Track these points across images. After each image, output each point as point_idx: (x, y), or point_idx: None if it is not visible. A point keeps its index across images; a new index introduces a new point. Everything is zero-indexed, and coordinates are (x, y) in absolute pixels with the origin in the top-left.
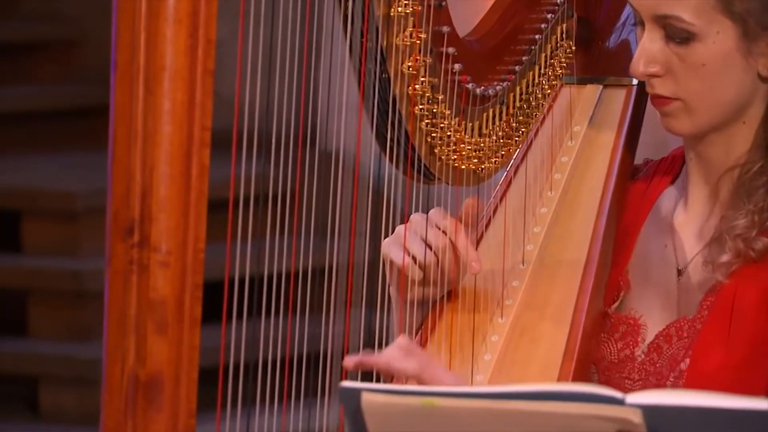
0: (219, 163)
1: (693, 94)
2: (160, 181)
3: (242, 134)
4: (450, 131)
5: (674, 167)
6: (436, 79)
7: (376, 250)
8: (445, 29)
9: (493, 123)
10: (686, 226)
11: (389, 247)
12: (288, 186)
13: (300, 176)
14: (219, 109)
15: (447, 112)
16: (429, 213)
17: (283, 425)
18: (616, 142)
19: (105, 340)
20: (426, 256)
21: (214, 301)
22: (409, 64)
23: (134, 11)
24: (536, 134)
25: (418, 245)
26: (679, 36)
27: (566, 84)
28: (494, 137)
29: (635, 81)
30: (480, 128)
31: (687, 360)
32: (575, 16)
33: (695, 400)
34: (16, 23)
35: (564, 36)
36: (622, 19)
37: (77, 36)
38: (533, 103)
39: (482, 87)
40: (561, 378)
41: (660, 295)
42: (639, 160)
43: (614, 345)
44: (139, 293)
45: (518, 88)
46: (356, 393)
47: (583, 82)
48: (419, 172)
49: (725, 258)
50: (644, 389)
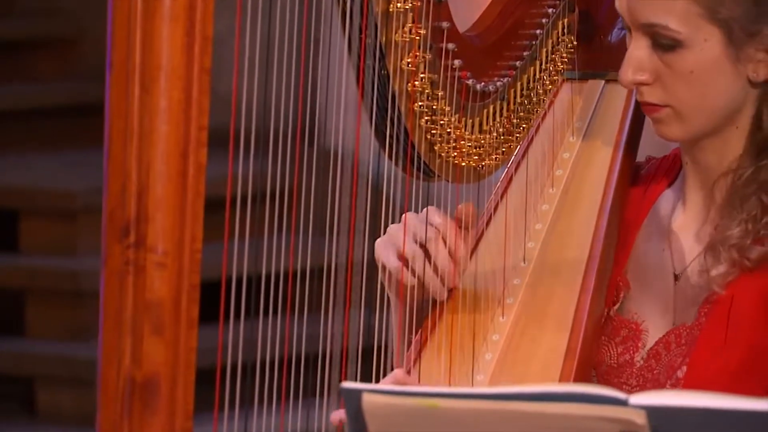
0: (216, 161)
1: (682, 101)
2: (157, 181)
3: (240, 132)
4: (450, 128)
5: (675, 167)
6: (436, 76)
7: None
8: (445, 25)
9: (494, 119)
10: (683, 230)
11: (382, 250)
12: (286, 184)
13: (298, 174)
14: (216, 107)
15: (447, 109)
16: (424, 212)
17: (282, 426)
18: (618, 138)
19: (101, 342)
20: (420, 260)
21: (212, 302)
22: (409, 61)
23: (130, 9)
24: (537, 130)
25: (412, 248)
26: (666, 44)
27: (568, 79)
28: (495, 134)
29: None
30: (480, 125)
31: (684, 367)
32: (576, 11)
33: (699, 401)
34: (14, 20)
35: (565, 31)
36: None
37: (76, 33)
38: (534, 99)
39: (482, 83)
40: (562, 377)
41: (658, 300)
42: (641, 157)
43: (614, 349)
44: (136, 294)
45: (519, 84)
46: (357, 394)
47: (585, 78)
48: (419, 170)
49: (721, 269)
50: None
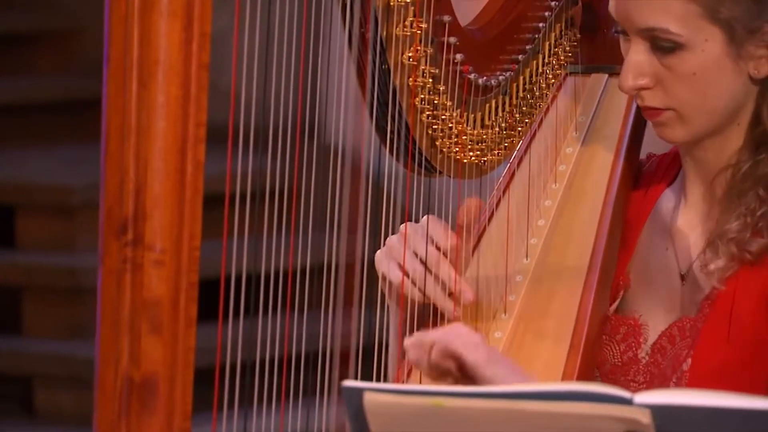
0: (215, 158)
1: (685, 103)
2: (154, 178)
3: (239, 128)
4: (452, 123)
5: (675, 165)
6: (437, 70)
7: (377, 246)
8: (446, 18)
9: (496, 114)
10: (686, 229)
11: (383, 263)
12: (286, 181)
13: (298, 171)
14: (217, 102)
15: (448, 104)
16: (424, 221)
17: (281, 426)
18: (622, 133)
19: (98, 341)
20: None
21: (210, 300)
22: (410, 55)
23: (127, 4)
24: (540, 125)
25: (412, 266)
26: (667, 47)
27: (571, 73)
28: (497, 129)
29: None
30: (482, 119)
31: (689, 360)
32: (580, 4)
33: (704, 400)
34: (12, 14)
35: (568, 24)
36: None
37: (74, 27)
38: (537, 94)
39: (484, 77)
40: (566, 375)
41: (663, 298)
42: (642, 154)
43: (617, 347)
44: (133, 292)
45: (521, 78)
46: (358, 392)
47: (588, 72)
48: (420, 165)
49: (720, 263)
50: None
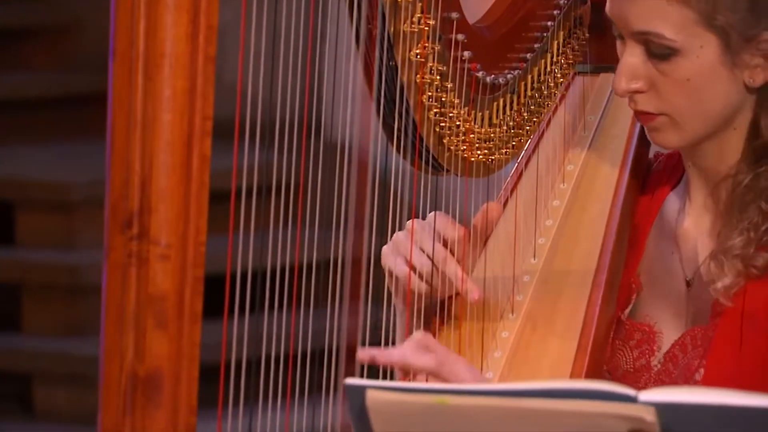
0: (221, 153)
1: (678, 109)
2: (160, 172)
3: (245, 122)
4: (459, 121)
5: (680, 166)
6: (445, 67)
7: (383, 244)
8: (454, 15)
9: (504, 112)
10: (691, 234)
11: (389, 258)
12: (292, 176)
13: (304, 166)
14: (221, 97)
15: (456, 101)
16: (430, 218)
17: (287, 423)
18: (631, 132)
19: (103, 336)
20: (428, 271)
21: (216, 296)
22: (417, 52)
23: None
24: (548, 124)
25: (420, 261)
26: (661, 52)
27: (579, 73)
28: (505, 127)
29: None
30: (490, 118)
31: (701, 370)
32: (589, 3)
33: (710, 398)
34: (9, 8)
35: (577, 23)
36: None
37: (72, 22)
38: (545, 92)
39: (492, 75)
40: (573, 376)
41: (671, 303)
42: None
43: (630, 353)
44: (138, 287)
45: (530, 77)
46: (361, 390)
47: (597, 71)
48: (427, 163)
49: (726, 281)
50: None
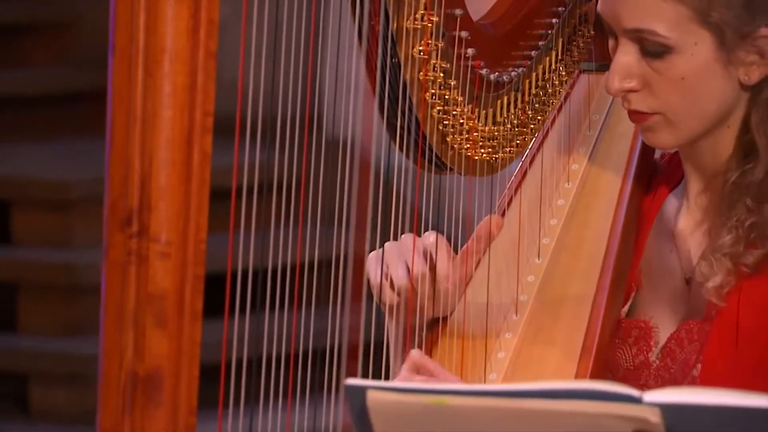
0: (221, 150)
1: (673, 108)
2: (160, 169)
3: (246, 120)
4: (463, 119)
5: (681, 166)
6: (449, 65)
7: (385, 242)
8: (458, 12)
9: (508, 111)
10: (688, 233)
11: (369, 264)
12: (293, 174)
13: (306, 164)
14: (222, 94)
15: (459, 99)
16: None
17: (288, 423)
18: (636, 131)
19: (102, 335)
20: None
21: (216, 295)
22: (420, 49)
23: None
24: (553, 123)
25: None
26: (655, 50)
27: (584, 71)
28: (509, 125)
29: None
30: (494, 116)
31: (699, 366)
32: (594, 0)
33: (715, 399)
34: (7, 4)
35: (582, 21)
36: None
37: (71, 18)
38: (550, 91)
39: (496, 73)
40: (578, 376)
41: (670, 301)
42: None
43: (629, 351)
44: (138, 286)
45: (534, 75)
46: (361, 391)
47: (602, 69)
48: (430, 162)
49: (717, 280)
50: None
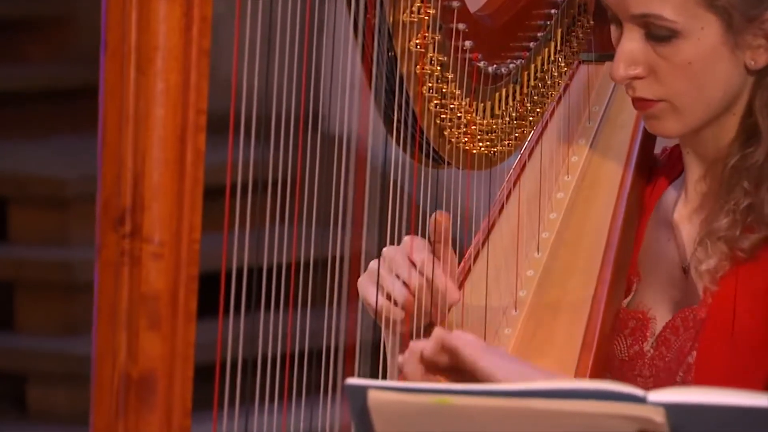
0: (215, 148)
1: (680, 94)
2: (153, 168)
3: (240, 117)
4: (460, 112)
5: (682, 157)
6: (446, 57)
7: (382, 239)
8: (455, 4)
9: (506, 103)
10: (686, 221)
11: (364, 287)
12: (289, 171)
13: (301, 161)
14: (216, 91)
15: (457, 92)
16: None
17: (284, 425)
18: (637, 123)
19: (95, 337)
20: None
21: (211, 295)
22: (417, 42)
23: None
24: (552, 115)
25: (392, 284)
26: (661, 35)
27: (584, 62)
28: (507, 118)
29: None
30: (492, 109)
31: (694, 353)
32: None
33: (721, 398)
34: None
35: (581, 11)
36: None
37: (66, 13)
38: (549, 82)
39: (494, 65)
40: (578, 373)
41: (667, 291)
42: (657, 148)
43: (624, 342)
44: (131, 286)
45: (533, 66)
46: (362, 391)
47: (602, 60)
48: (428, 156)
49: (711, 263)
50: (657, 386)
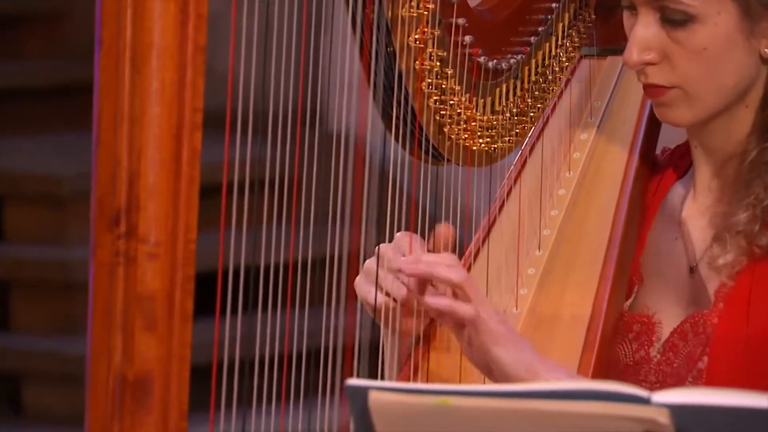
0: (212, 146)
1: (693, 81)
2: (148, 167)
3: (237, 114)
4: (460, 108)
5: (688, 155)
6: (445, 53)
7: (382, 237)
8: None
9: (507, 99)
10: (695, 219)
11: (361, 287)
12: (286, 169)
13: (299, 159)
14: (212, 88)
15: (457, 88)
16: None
17: (282, 426)
18: (639, 119)
19: (90, 338)
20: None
21: (207, 295)
22: (416, 37)
23: None
24: (553, 110)
25: (391, 282)
26: (677, 18)
27: (585, 56)
28: (508, 114)
29: None
30: (492, 105)
31: (705, 358)
32: None
33: (726, 399)
34: None
35: (583, 4)
36: None
37: (62, 9)
38: (550, 77)
39: (495, 60)
40: (580, 372)
41: (673, 291)
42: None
43: (629, 346)
44: (126, 287)
45: (534, 61)
46: (363, 392)
47: (604, 54)
48: (427, 153)
49: (729, 258)
50: None
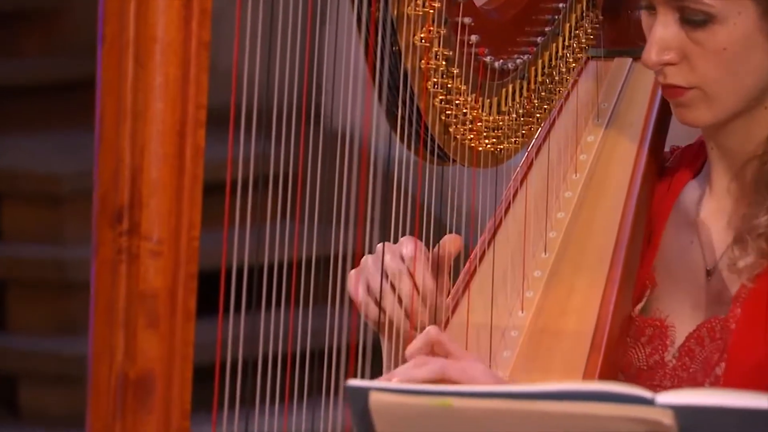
0: (215, 143)
1: (712, 82)
2: (152, 163)
3: (241, 111)
4: (466, 108)
5: (700, 155)
6: (451, 52)
7: (386, 237)
8: None
9: (513, 99)
10: (712, 221)
11: (352, 282)
12: (290, 167)
13: (303, 157)
14: (216, 84)
15: (463, 88)
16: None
17: (285, 427)
18: (647, 120)
19: (91, 336)
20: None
21: (210, 293)
22: (422, 36)
23: None
24: (560, 112)
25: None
26: (697, 19)
27: (592, 57)
28: (514, 115)
29: None
30: (499, 105)
31: (722, 364)
32: None
33: (732, 400)
34: None
35: (590, 5)
36: None
37: (61, 6)
38: (556, 78)
39: (501, 60)
40: (586, 375)
41: (688, 295)
42: (666, 147)
43: (642, 350)
44: (129, 285)
45: (540, 62)
46: (364, 392)
47: (611, 55)
48: (433, 153)
49: (749, 260)
50: None
